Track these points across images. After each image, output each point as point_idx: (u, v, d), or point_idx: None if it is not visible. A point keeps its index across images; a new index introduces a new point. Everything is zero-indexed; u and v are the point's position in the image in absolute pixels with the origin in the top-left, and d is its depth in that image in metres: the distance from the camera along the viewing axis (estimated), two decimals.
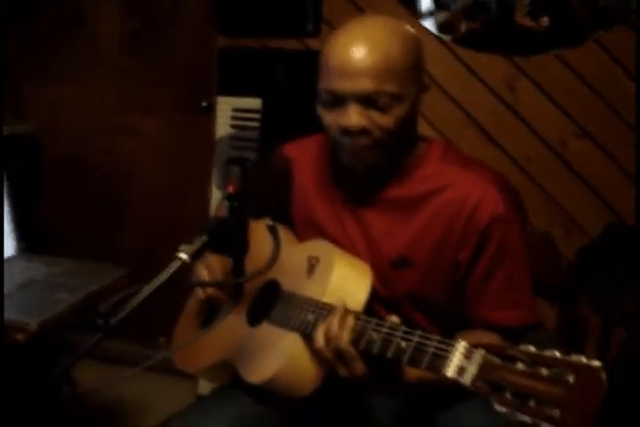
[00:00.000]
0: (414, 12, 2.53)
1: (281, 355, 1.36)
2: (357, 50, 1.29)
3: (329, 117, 1.35)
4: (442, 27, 2.52)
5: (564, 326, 2.49)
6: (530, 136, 2.53)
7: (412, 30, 1.39)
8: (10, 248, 2.01)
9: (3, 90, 2.77)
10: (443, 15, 2.51)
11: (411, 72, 1.33)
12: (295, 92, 2.50)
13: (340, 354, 1.24)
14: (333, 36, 1.34)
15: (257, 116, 2.62)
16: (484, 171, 1.43)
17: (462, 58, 2.54)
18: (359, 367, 1.24)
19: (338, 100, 1.32)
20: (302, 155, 1.60)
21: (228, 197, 1.26)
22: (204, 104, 2.85)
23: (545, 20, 2.41)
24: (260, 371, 1.38)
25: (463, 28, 2.50)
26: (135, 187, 3.12)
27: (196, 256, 1.21)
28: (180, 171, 3.04)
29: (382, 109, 1.30)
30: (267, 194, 1.63)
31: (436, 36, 2.51)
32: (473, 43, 2.50)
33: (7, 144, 2.58)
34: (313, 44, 2.64)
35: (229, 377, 1.54)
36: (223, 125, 2.67)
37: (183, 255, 1.19)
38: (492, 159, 2.13)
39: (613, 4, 2.35)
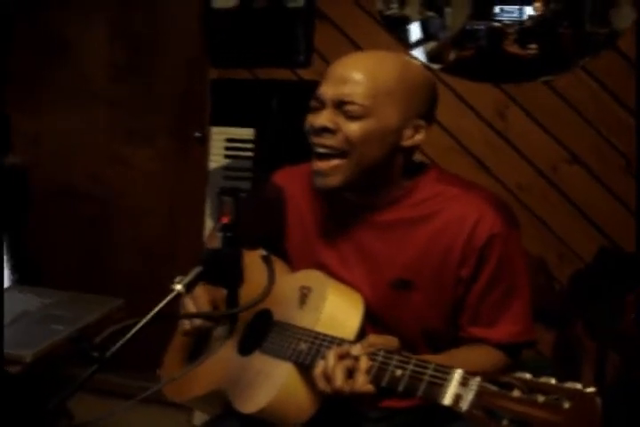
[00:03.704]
0: (404, 42, 2.57)
1: (274, 384, 1.36)
2: (350, 62, 1.42)
3: (307, 120, 1.43)
4: (431, 56, 2.55)
5: (560, 350, 2.49)
6: (521, 163, 2.55)
7: (422, 69, 1.49)
8: (4, 280, 2.00)
9: None
10: (432, 44, 2.55)
11: (395, 98, 1.38)
12: (288, 121, 2.51)
13: (337, 392, 1.23)
14: None
15: (250, 145, 2.64)
16: (479, 191, 1.47)
17: (452, 86, 2.57)
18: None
19: (321, 105, 1.40)
20: (293, 183, 1.61)
21: (222, 228, 1.26)
22: (198, 135, 2.87)
23: (533, 48, 2.45)
24: (253, 401, 1.38)
25: (452, 56, 2.53)
26: (126, 217, 3.11)
27: (190, 287, 1.21)
28: (172, 201, 3.04)
29: (351, 118, 1.36)
30: (259, 224, 1.63)
31: (425, 65, 2.53)
32: (462, 71, 2.53)
33: None
34: (305, 74, 2.67)
35: (221, 407, 1.54)
36: (217, 156, 2.69)
37: (178, 286, 1.19)
38: (484, 186, 2.14)
39: (599, 30, 2.39)
